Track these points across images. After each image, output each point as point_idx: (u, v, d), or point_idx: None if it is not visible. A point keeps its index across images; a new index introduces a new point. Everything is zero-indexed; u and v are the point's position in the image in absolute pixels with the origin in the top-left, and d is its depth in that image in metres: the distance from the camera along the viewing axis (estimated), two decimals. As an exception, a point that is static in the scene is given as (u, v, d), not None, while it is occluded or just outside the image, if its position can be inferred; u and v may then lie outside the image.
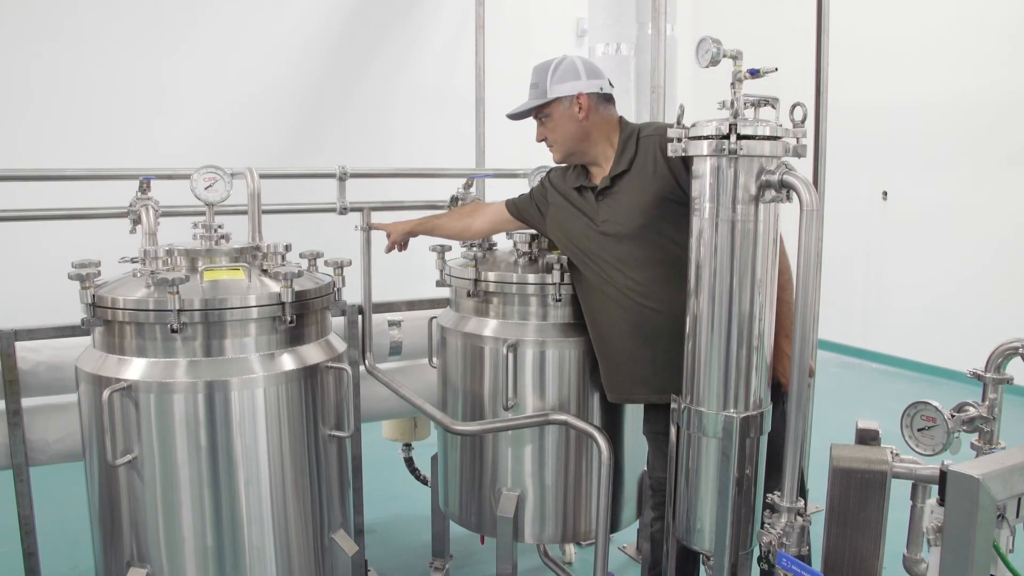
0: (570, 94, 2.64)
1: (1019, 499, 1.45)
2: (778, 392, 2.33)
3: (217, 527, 2.45)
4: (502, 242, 3.22)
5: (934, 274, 7.35)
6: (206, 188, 2.66)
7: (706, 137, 2.08)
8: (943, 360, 7.11)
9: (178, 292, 2.32)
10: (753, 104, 2.09)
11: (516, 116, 2.80)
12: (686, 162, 2.30)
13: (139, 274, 2.53)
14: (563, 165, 2.87)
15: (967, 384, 2.02)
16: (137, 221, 2.86)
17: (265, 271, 2.60)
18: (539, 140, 2.80)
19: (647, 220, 2.51)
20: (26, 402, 3.07)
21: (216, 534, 2.45)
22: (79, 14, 5.64)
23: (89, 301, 2.44)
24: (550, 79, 2.65)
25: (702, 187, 2.13)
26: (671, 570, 2.51)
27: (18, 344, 3.01)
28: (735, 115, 2.06)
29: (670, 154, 2.21)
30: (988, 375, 1.98)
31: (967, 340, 6.54)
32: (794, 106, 2.10)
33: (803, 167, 2.12)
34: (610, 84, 2.74)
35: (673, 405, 2.30)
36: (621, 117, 2.74)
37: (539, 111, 2.71)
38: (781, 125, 2.08)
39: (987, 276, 6.92)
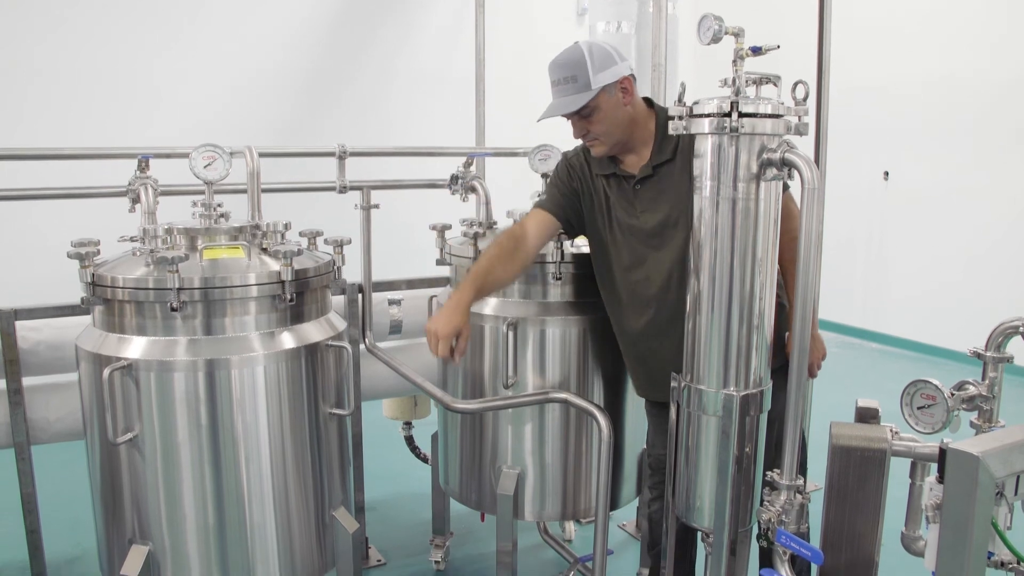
0: (614, 80, 2.45)
1: (1018, 477, 1.46)
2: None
3: (218, 504, 2.46)
4: (502, 220, 3.21)
5: (935, 254, 7.35)
6: (205, 166, 2.64)
7: (707, 115, 2.07)
8: (943, 340, 7.12)
9: (177, 271, 2.32)
10: (755, 82, 2.08)
11: (558, 115, 2.54)
12: None
13: (138, 253, 2.53)
14: (574, 152, 2.76)
15: (967, 364, 2.02)
16: (136, 200, 2.86)
17: (265, 249, 2.59)
18: (580, 136, 2.59)
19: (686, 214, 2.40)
20: (27, 381, 3.08)
21: (217, 511, 2.46)
22: (80, -2, 5.62)
23: (88, 280, 2.44)
24: (592, 68, 2.42)
25: (703, 165, 2.12)
26: (670, 547, 2.53)
27: (18, 323, 3.02)
28: (737, 93, 2.04)
29: (671, 132, 2.19)
30: (988, 354, 1.98)
31: (967, 320, 6.56)
32: (796, 84, 2.09)
33: (804, 146, 2.11)
34: None
35: (673, 383, 2.30)
36: (646, 98, 2.62)
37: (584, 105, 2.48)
38: (783, 103, 2.07)
39: (988, 256, 6.91)
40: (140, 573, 2.44)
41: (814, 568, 2.17)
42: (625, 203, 2.58)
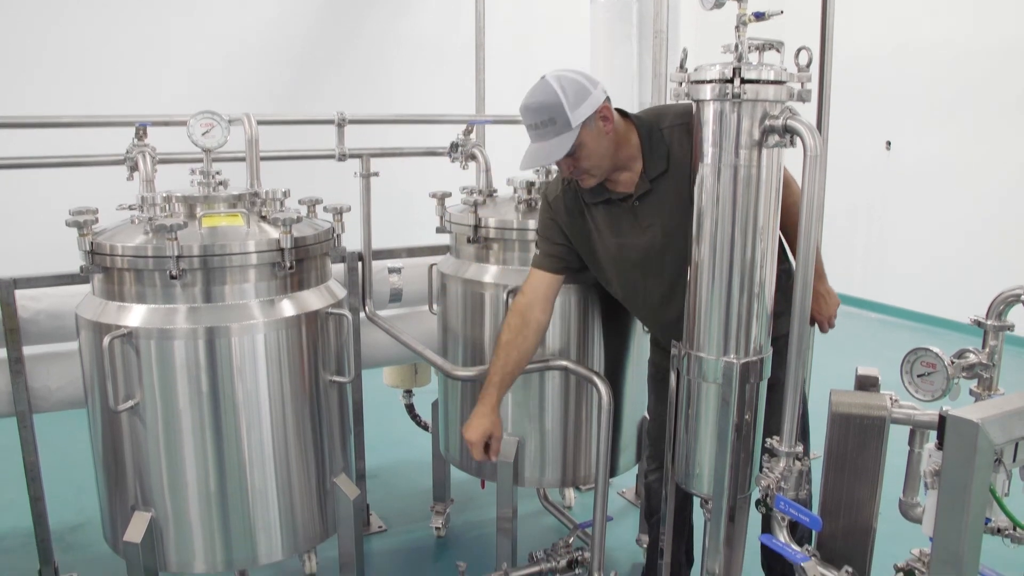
0: (592, 112, 2.31)
1: (1016, 444, 1.46)
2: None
3: (219, 471, 2.47)
4: (503, 188, 3.20)
5: (936, 224, 7.33)
6: (203, 134, 2.63)
7: (709, 81, 2.05)
8: (944, 311, 7.12)
9: (176, 238, 2.31)
10: (758, 48, 2.06)
11: (545, 165, 2.43)
12: None
13: (137, 221, 2.52)
14: (553, 188, 2.63)
15: (967, 334, 2.02)
16: (134, 168, 2.85)
17: (264, 217, 2.58)
18: (568, 174, 2.45)
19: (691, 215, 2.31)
20: (27, 350, 3.09)
21: (219, 478, 2.48)
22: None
23: (87, 248, 2.43)
24: (568, 106, 2.27)
25: (704, 132, 2.10)
26: (670, 514, 2.54)
27: (18, 292, 3.02)
28: (739, 59, 2.02)
29: (673, 99, 2.17)
30: (989, 322, 1.98)
31: (968, 290, 6.56)
32: (799, 50, 2.06)
33: (806, 114, 2.09)
34: None
35: (673, 351, 2.30)
36: (619, 110, 2.44)
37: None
38: (786, 69, 2.05)
39: (990, 226, 6.90)
40: (143, 539, 2.46)
41: (813, 534, 2.19)
42: (627, 223, 2.49)
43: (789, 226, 2.28)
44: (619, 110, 2.43)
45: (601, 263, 2.61)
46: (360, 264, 3.50)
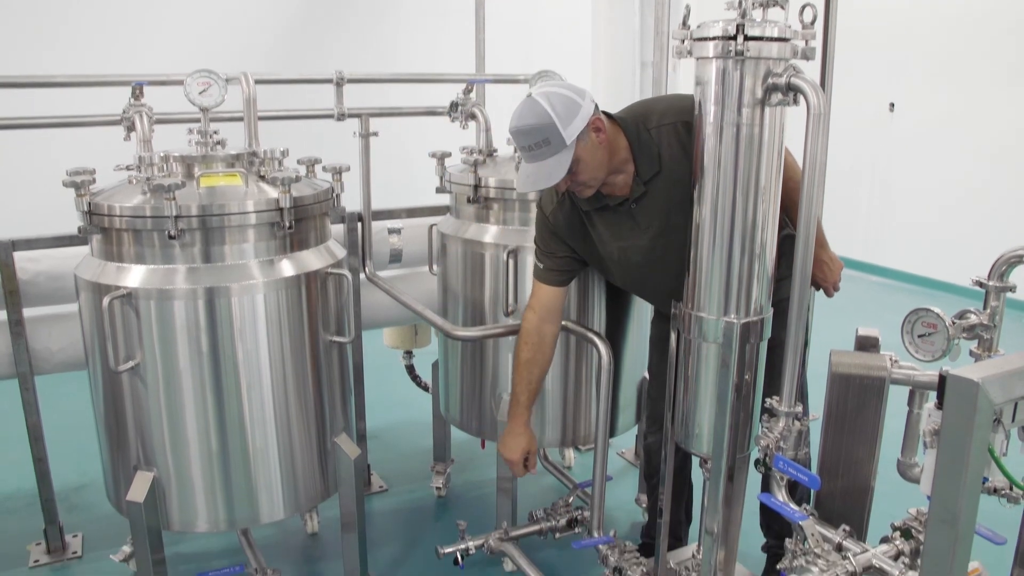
0: (585, 126, 2.26)
1: (1016, 404, 1.46)
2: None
3: (221, 430, 2.48)
4: (503, 148, 3.17)
5: (939, 187, 7.30)
6: (200, 93, 2.60)
7: (712, 38, 2.02)
8: (945, 274, 7.11)
9: (175, 198, 2.29)
10: (761, 5, 2.02)
11: (545, 187, 2.37)
12: None
13: (134, 181, 2.50)
14: (548, 201, 2.59)
15: (968, 298, 2.02)
16: (131, 128, 2.83)
17: (262, 177, 2.56)
18: (565, 189, 2.42)
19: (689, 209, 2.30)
20: (28, 312, 3.09)
21: (220, 437, 2.49)
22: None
23: (85, 209, 2.41)
24: (561, 124, 2.22)
25: (706, 91, 2.07)
26: (669, 474, 2.56)
27: (17, 254, 3.02)
28: (743, 16, 1.99)
29: (675, 56, 2.14)
30: (991, 283, 1.97)
31: (970, 253, 6.54)
32: (804, 7, 2.03)
33: (810, 73, 2.06)
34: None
35: (674, 311, 2.30)
36: (604, 112, 2.40)
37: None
38: (790, 27, 2.02)
39: (992, 190, 6.87)
40: (146, 498, 2.48)
41: (811, 494, 2.20)
42: (626, 226, 2.48)
43: (790, 206, 2.26)
44: (604, 113, 2.40)
45: (605, 264, 2.62)
46: (360, 225, 3.48)
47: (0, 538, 3.48)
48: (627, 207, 2.44)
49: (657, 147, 2.35)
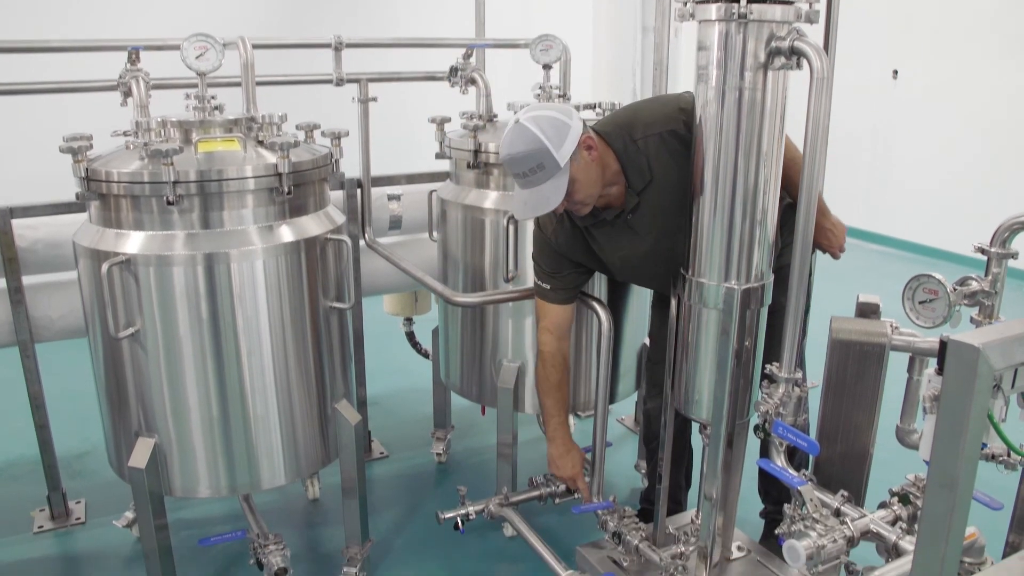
0: (576, 146, 2.26)
1: (1016, 370, 1.46)
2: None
3: (221, 397, 2.49)
4: (502, 113, 3.15)
5: (941, 156, 7.26)
6: (197, 57, 2.57)
7: (715, 0, 1.99)
8: (946, 243, 7.10)
9: (172, 163, 2.28)
10: (765, -34, 2.00)
11: (544, 212, 2.38)
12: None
13: (132, 147, 2.48)
14: (548, 222, 2.58)
15: (969, 267, 2.01)
16: (128, 93, 2.79)
17: (261, 142, 2.55)
18: (562, 211, 2.42)
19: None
20: (28, 280, 3.09)
21: (221, 404, 2.49)
22: None
23: (82, 175, 2.39)
24: (552, 147, 2.22)
25: (708, 56, 2.05)
26: (668, 439, 2.57)
27: (15, 222, 3.01)
28: (746, -23, 1.96)
29: (678, 19, 2.11)
30: (993, 249, 1.97)
31: (972, 222, 6.52)
32: (808, -32, 2.00)
33: (814, 38, 2.03)
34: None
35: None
36: (591, 128, 2.39)
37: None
38: (794, -11, 1.99)
39: (994, 159, 6.83)
40: (147, 464, 2.49)
41: (810, 460, 2.21)
42: (625, 237, 2.48)
43: (790, 187, 2.25)
44: (591, 128, 2.39)
45: (607, 268, 2.65)
46: (359, 191, 3.47)
47: (4, 504, 3.50)
48: (624, 219, 2.45)
49: (646, 157, 2.35)
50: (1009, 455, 1.91)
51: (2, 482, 3.71)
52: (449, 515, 2.96)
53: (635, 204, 2.41)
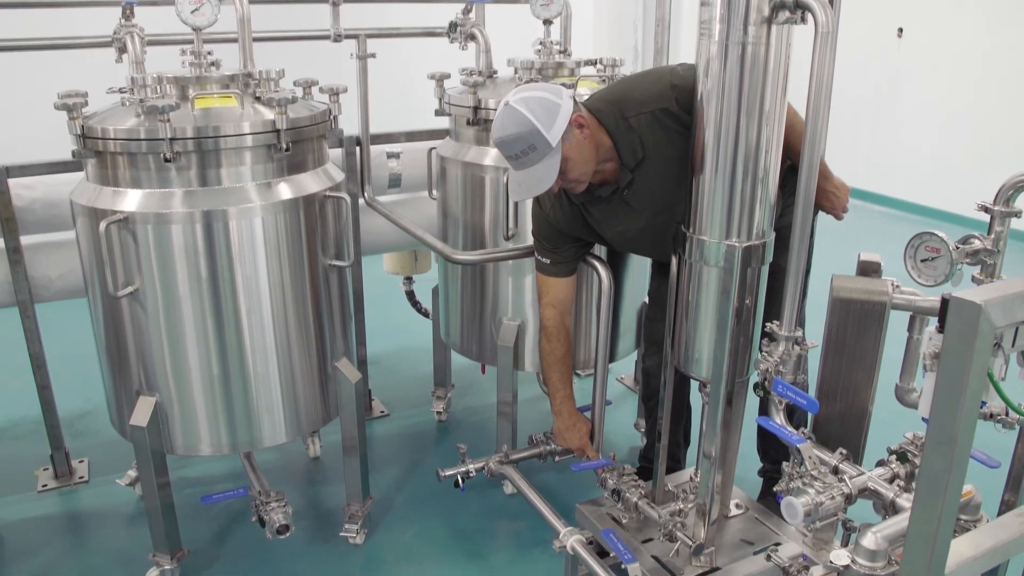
0: (567, 125, 2.26)
1: (1016, 328, 1.45)
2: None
3: (221, 355, 2.49)
4: (502, 69, 3.11)
5: (945, 116, 7.19)
6: (192, 12, 2.53)
7: (719, -47, 1.95)
8: (948, 204, 7.06)
9: (169, 120, 2.25)
10: (770, -83, 1.95)
11: (539, 193, 2.37)
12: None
13: (128, 103, 2.46)
14: (546, 198, 2.57)
15: (971, 229, 1.99)
16: (122, 50, 2.76)
17: (258, 98, 2.52)
18: (557, 190, 2.41)
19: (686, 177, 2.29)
20: (26, 240, 3.07)
21: (221, 362, 2.50)
22: None
23: (78, 132, 2.37)
24: (543, 128, 2.22)
25: (711, 11, 2.01)
26: (668, 398, 2.57)
27: (11, 181, 2.99)
28: (751, -72, 1.92)
29: None
30: (996, 207, 1.95)
31: (974, 184, 6.49)
32: (814, -80, 1.96)
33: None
34: None
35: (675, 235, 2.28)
36: (582, 105, 2.39)
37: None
38: (799, -60, 1.95)
39: (999, 120, 6.76)
40: (149, 423, 2.50)
41: (809, 418, 2.22)
42: (621, 213, 2.48)
43: (792, 154, 2.22)
44: (583, 106, 2.38)
45: (606, 241, 2.66)
46: (358, 149, 3.44)
47: (8, 463, 3.53)
48: (619, 195, 2.45)
49: (638, 135, 2.34)
50: (1007, 414, 1.91)
51: (5, 442, 3.73)
52: (449, 473, 2.98)
53: (629, 180, 2.41)
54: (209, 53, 2.57)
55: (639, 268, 3.09)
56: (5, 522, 3.10)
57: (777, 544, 2.54)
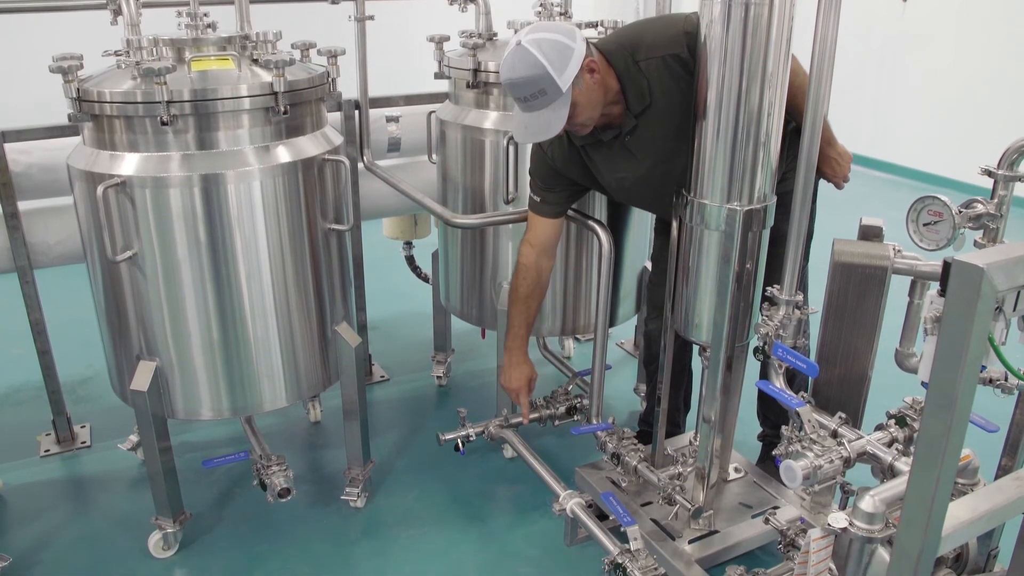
0: (579, 69, 2.20)
1: (1018, 292, 1.45)
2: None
3: (221, 319, 2.49)
4: (503, 31, 3.08)
5: (948, 83, 7.12)
6: (188, -28, 2.50)
7: (723, -89, 1.92)
8: (951, 171, 7.01)
9: (165, 82, 2.23)
10: None
11: (548, 137, 2.33)
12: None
13: (123, 66, 2.43)
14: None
15: (974, 196, 1.98)
16: (117, 12, 2.72)
17: (255, 60, 2.49)
18: (563, 131, 2.36)
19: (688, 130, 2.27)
20: (23, 205, 3.06)
21: (221, 326, 2.50)
22: None
23: (74, 95, 2.35)
24: (555, 72, 2.16)
25: (715, -30, 1.99)
26: (668, 362, 2.58)
27: (8, 146, 2.97)
28: None
29: None
30: (1000, 171, 1.93)
31: (978, 150, 6.44)
32: None
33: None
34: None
35: (676, 200, 2.27)
36: (593, 45, 2.33)
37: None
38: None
39: (1003, 87, 6.69)
40: (149, 387, 2.50)
41: (809, 383, 2.22)
42: (621, 159, 2.44)
43: (795, 111, 2.20)
44: (593, 45, 2.32)
45: (604, 189, 2.63)
46: (357, 112, 3.41)
47: (11, 429, 3.54)
48: (621, 140, 2.41)
49: (647, 80, 2.29)
50: (1007, 379, 1.91)
51: (7, 408, 3.74)
52: (450, 437, 2.99)
53: (633, 126, 2.37)
54: (205, 15, 2.54)
55: (639, 232, 3.07)
56: (9, 487, 3.12)
57: (775, 507, 2.56)
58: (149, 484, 2.69)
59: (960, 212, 1.92)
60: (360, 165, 3.45)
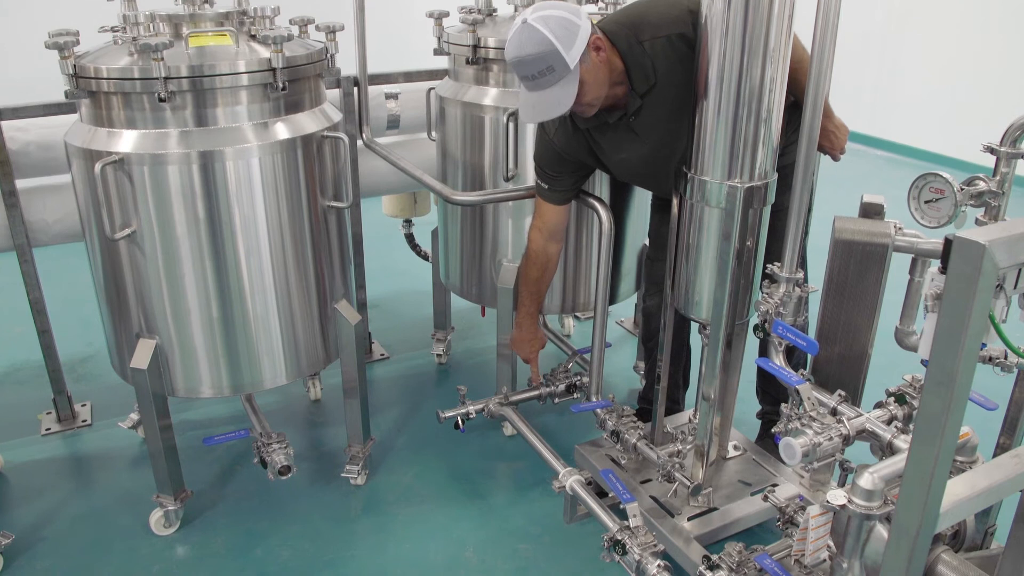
0: (585, 47, 2.19)
1: (1019, 270, 1.44)
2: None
3: (221, 297, 2.48)
4: (503, 7, 3.05)
5: (949, 61, 7.08)
6: (185, -54, 2.47)
7: None
8: (952, 149, 6.99)
9: (163, 58, 2.21)
10: None
11: (556, 116, 2.31)
12: None
13: (120, 42, 2.41)
14: (551, 122, 2.52)
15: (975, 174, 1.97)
16: (115, -13, 2.69)
17: (253, 36, 2.47)
18: (567, 114, 2.35)
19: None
20: (22, 183, 3.05)
21: (220, 303, 2.49)
22: None
23: (70, 72, 2.33)
24: (563, 49, 2.14)
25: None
26: (667, 340, 2.58)
27: (4, 124, 2.95)
28: None
29: None
30: (1002, 148, 1.93)
31: (978, 129, 6.41)
32: None
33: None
34: None
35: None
36: (596, 25, 2.31)
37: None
38: None
39: (1004, 65, 6.65)
40: (149, 365, 2.51)
41: (808, 360, 2.22)
42: (626, 140, 2.43)
43: (796, 89, 2.19)
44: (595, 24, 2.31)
45: (609, 170, 2.63)
46: (356, 89, 3.39)
47: (12, 408, 3.54)
48: (625, 122, 2.40)
49: (651, 60, 2.28)
50: (1006, 357, 1.91)
51: (8, 386, 3.75)
52: (450, 414, 3.00)
53: (638, 107, 2.36)
54: (202, -11, 2.52)
55: (640, 210, 3.06)
56: (10, 465, 3.13)
57: (774, 485, 2.57)
58: (150, 462, 2.70)
59: (962, 190, 1.91)
60: (359, 142, 3.43)
